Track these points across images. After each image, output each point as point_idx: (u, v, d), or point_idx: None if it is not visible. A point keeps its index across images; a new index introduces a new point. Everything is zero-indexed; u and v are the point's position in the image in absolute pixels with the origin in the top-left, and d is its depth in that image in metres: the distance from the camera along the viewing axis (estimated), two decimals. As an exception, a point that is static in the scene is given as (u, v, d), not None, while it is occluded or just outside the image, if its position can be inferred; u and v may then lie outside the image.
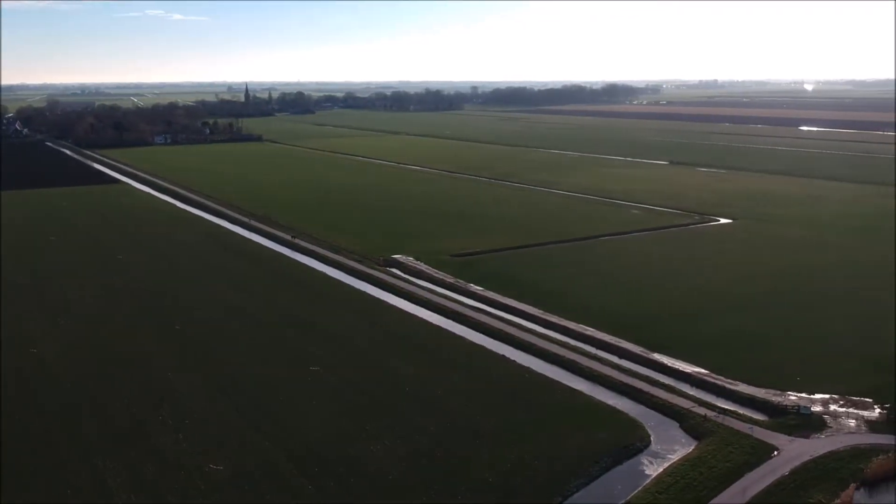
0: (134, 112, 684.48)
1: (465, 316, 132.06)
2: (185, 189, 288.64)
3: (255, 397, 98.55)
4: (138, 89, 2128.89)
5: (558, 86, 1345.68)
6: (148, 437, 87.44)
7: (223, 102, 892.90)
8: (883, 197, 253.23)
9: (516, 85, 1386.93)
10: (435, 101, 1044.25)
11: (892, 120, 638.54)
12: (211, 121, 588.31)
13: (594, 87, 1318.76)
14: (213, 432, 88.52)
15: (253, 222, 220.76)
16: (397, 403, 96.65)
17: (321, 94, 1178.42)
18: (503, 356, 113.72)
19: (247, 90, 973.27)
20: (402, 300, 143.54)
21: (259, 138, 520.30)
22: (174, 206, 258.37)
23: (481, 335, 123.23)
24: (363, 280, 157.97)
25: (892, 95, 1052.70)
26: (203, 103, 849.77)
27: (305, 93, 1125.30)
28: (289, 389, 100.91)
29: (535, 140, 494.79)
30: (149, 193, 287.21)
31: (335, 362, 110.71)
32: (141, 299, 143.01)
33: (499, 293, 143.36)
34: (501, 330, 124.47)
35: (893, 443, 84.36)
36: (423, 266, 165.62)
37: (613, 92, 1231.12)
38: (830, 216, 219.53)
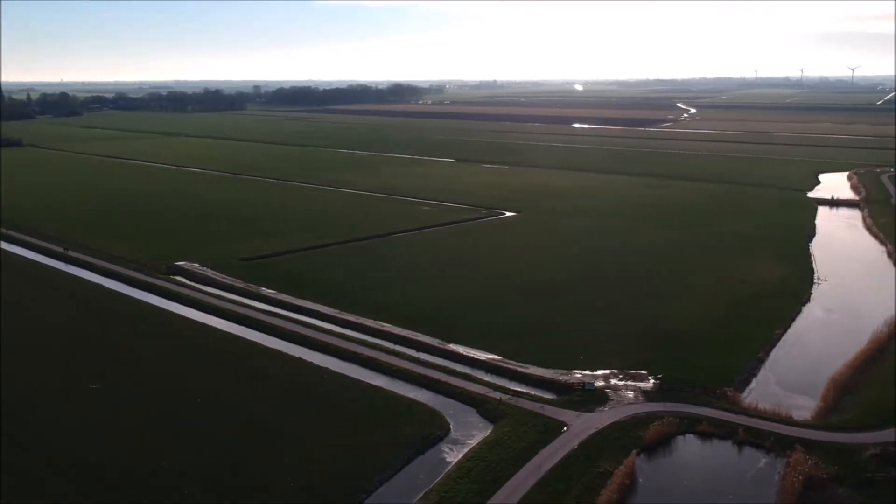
0: None
1: (258, 320, 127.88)
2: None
3: (27, 422, 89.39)
4: None
5: (343, 85, 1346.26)
6: None
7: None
8: (649, 187, 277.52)
9: (301, 84, 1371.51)
10: (215, 100, 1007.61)
11: (652, 117, 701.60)
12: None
13: (380, 87, 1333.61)
14: (-26, 468, 79.03)
15: (14, 233, 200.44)
16: (188, 416, 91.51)
17: (88, 95, 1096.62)
18: (300, 358, 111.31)
19: (0, 91, 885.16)
20: (188, 308, 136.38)
21: (19, 143, 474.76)
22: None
23: (276, 339, 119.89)
24: (145, 290, 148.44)
25: (653, 94, 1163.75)
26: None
27: (70, 94, 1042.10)
28: (67, 410, 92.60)
29: (322, 140, 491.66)
30: None
31: (118, 378, 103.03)
32: None
33: (292, 295, 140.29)
34: (297, 332, 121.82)
35: (666, 409, 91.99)
36: (209, 272, 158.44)
37: (399, 91, 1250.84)
38: (605, 206, 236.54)
